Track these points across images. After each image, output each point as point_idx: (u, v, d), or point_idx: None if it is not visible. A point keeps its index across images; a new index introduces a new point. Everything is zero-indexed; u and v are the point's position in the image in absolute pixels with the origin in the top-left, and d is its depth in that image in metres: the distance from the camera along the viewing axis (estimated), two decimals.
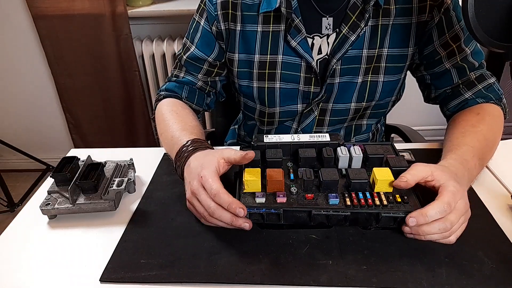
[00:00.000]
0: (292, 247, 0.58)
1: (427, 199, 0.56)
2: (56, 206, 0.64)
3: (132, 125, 1.94)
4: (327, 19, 0.77)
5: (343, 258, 0.56)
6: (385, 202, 0.56)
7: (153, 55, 1.73)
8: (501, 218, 0.63)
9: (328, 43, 0.79)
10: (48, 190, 0.67)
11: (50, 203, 0.65)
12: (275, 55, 0.80)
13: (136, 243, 0.60)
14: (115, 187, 0.65)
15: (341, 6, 0.75)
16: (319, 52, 0.80)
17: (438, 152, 0.71)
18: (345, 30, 0.76)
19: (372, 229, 0.60)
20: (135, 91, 1.82)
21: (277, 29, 0.78)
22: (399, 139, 1.10)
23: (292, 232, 0.60)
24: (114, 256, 0.58)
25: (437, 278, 0.52)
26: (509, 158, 0.79)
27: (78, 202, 0.64)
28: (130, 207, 0.68)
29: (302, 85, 0.82)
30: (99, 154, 0.78)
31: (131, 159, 0.75)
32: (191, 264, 0.56)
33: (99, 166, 0.69)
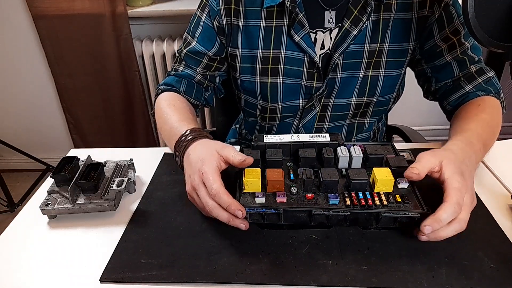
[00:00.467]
0: (292, 247, 0.58)
1: (425, 199, 0.56)
2: (56, 206, 0.64)
3: (132, 125, 1.94)
4: (330, 12, 0.77)
5: (343, 258, 0.56)
6: (385, 202, 0.56)
7: (153, 55, 1.73)
8: (501, 218, 0.63)
9: (330, 38, 0.79)
10: (48, 190, 0.67)
11: (50, 203, 0.65)
12: (278, 50, 0.81)
13: (136, 243, 0.60)
14: (115, 187, 0.65)
15: (343, 0, 0.76)
16: (322, 47, 0.80)
17: None
18: (347, 24, 0.77)
19: (372, 229, 0.60)
20: (135, 91, 1.82)
21: (280, 24, 0.79)
22: (399, 139, 1.10)
23: (292, 232, 0.60)
24: (114, 256, 0.58)
25: (437, 278, 0.52)
26: (509, 158, 0.79)
27: (78, 202, 0.64)
28: (130, 207, 0.68)
29: (304, 80, 0.82)
30: (99, 154, 0.78)
31: (131, 159, 0.75)
32: (191, 264, 0.56)
33: (99, 166, 0.69)
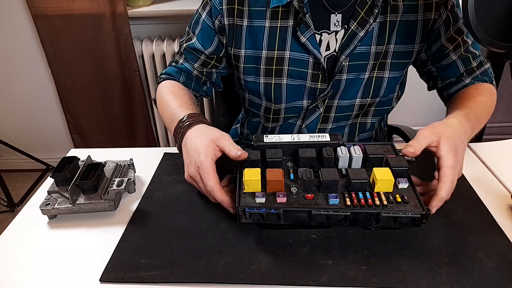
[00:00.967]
0: (292, 247, 0.58)
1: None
2: (56, 206, 0.64)
3: (132, 125, 1.94)
4: (336, 15, 0.77)
5: (343, 258, 0.56)
6: (385, 202, 0.56)
7: (153, 55, 1.73)
8: (501, 218, 0.63)
9: (336, 40, 0.79)
10: (48, 190, 0.67)
11: (50, 203, 0.65)
12: (282, 51, 0.80)
13: (136, 243, 0.60)
14: (115, 187, 0.65)
15: (350, 3, 0.76)
16: (327, 48, 0.80)
17: None
18: (353, 26, 0.76)
19: (372, 229, 0.60)
20: (135, 91, 1.82)
21: (285, 24, 0.78)
22: (399, 139, 1.10)
23: (292, 232, 0.60)
24: (114, 256, 0.58)
25: (437, 278, 0.52)
26: (509, 158, 0.79)
27: (78, 202, 0.64)
28: (130, 207, 0.68)
29: (309, 81, 0.82)
30: (99, 154, 0.78)
31: (131, 159, 0.75)
32: (191, 264, 0.56)
33: (99, 166, 0.69)
